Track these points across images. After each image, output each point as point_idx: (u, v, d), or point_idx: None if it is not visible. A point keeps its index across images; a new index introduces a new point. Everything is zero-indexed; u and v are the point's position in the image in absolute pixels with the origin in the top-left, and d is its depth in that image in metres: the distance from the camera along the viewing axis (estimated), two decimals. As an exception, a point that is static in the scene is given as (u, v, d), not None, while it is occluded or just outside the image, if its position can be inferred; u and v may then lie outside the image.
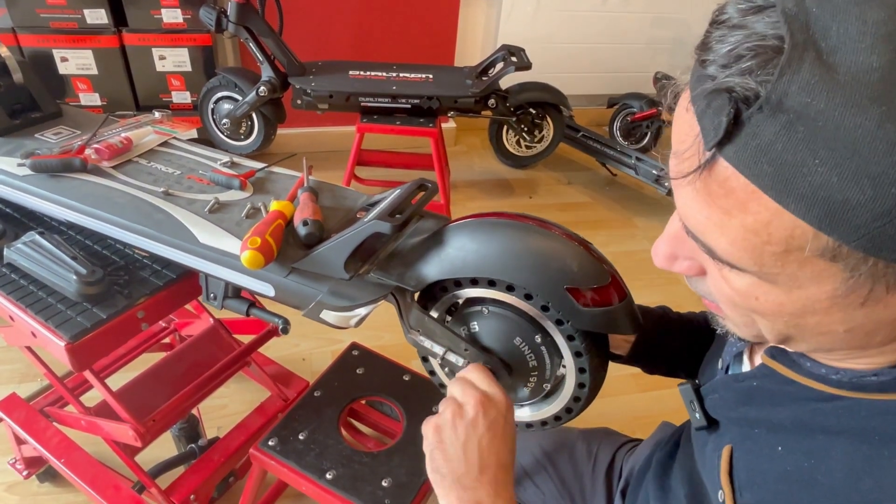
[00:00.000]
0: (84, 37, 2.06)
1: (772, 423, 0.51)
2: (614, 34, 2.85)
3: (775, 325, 0.44)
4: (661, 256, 0.48)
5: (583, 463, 1.03)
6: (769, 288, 0.40)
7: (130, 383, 1.11)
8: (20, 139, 0.95)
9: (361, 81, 2.04)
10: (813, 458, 0.46)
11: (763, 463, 0.50)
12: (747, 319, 0.46)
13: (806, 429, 0.47)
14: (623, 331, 0.64)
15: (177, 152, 0.95)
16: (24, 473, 1.25)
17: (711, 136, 0.35)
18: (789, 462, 0.47)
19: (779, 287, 0.40)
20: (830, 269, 0.36)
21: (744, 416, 0.54)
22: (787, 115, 0.33)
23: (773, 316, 0.42)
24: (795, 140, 0.33)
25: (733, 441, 0.54)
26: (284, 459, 0.91)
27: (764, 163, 0.34)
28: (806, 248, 0.35)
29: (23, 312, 0.80)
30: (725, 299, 0.45)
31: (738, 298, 0.43)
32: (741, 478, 0.52)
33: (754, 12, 0.36)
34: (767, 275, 0.39)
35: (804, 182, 0.33)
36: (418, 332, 0.71)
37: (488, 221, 0.65)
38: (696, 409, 0.59)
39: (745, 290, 0.42)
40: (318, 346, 1.67)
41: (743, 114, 0.34)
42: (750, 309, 0.43)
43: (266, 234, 0.67)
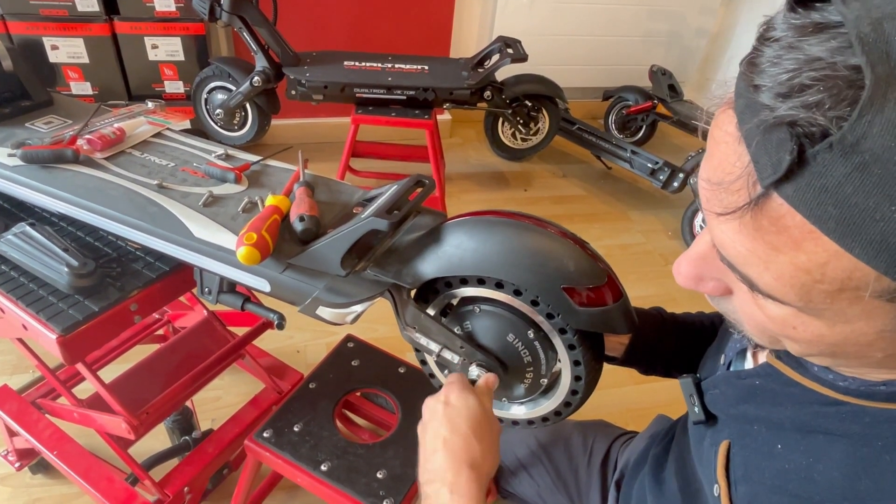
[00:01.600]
0: (75, 24, 2.03)
1: (772, 421, 0.50)
2: (610, 27, 2.84)
3: (808, 350, 0.43)
4: (684, 276, 0.46)
5: (578, 455, 1.04)
6: (810, 320, 0.39)
7: (123, 375, 1.11)
8: (10, 128, 0.93)
9: (356, 72, 2.02)
10: (811, 456, 0.45)
11: (761, 460, 0.50)
12: (774, 340, 0.44)
13: (806, 429, 0.47)
14: (619, 330, 0.65)
15: (170, 144, 0.93)
16: (17, 465, 1.25)
17: (769, 173, 0.33)
18: (788, 460, 0.47)
19: (822, 321, 0.38)
20: (885, 308, 0.35)
21: (744, 413, 0.54)
22: (862, 157, 0.30)
23: (809, 344, 0.41)
24: (869, 184, 0.30)
25: (731, 437, 0.54)
26: (279, 451, 0.91)
27: (829, 205, 0.32)
28: (865, 289, 0.34)
29: (14, 305, 0.79)
30: (755, 325, 0.43)
31: (773, 326, 0.41)
32: (737, 473, 0.52)
33: (813, 32, 0.32)
34: (812, 310, 0.37)
35: (874, 227, 0.31)
36: (414, 328, 0.71)
37: (486, 219, 0.65)
38: (695, 403, 0.60)
39: (781, 319, 0.40)
40: (313, 339, 1.67)
41: (807, 151, 0.31)
42: (784, 336, 0.42)
43: (262, 230, 0.67)
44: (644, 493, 0.78)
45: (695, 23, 2.95)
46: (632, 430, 1.12)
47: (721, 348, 0.67)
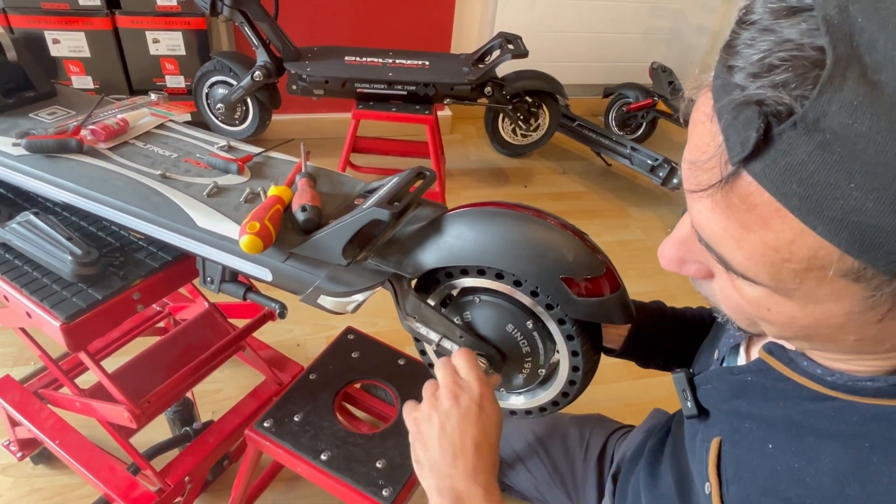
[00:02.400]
0: (76, 18, 2.03)
1: (763, 418, 0.51)
2: (611, 24, 2.85)
3: (783, 333, 0.43)
4: (667, 259, 0.47)
5: (575, 448, 1.05)
6: (783, 301, 0.39)
7: (125, 366, 1.11)
8: (14, 118, 0.94)
9: (357, 67, 2.03)
10: (803, 459, 0.45)
11: (752, 459, 0.50)
12: (752, 323, 0.45)
13: (797, 429, 0.47)
14: (616, 320, 0.65)
15: (173, 135, 0.94)
16: (19, 455, 1.26)
17: (738, 151, 0.34)
18: (779, 461, 0.47)
19: (793, 301, 0.39)
20: (851, 289, 0.35)
21: (736, 409, 0.54)
22: (823, 135, 0.31)
23: (783, 326, 0.42)
24: (831, 161, 0.31)
25: (723, 433, 0.55)
26: (279, 440, 0.91)
27: (793, 182, 0.32)
28: (829, 268, 0.34)
29: (17, 293, 0.80)
30: (733, 306, 0.44)
31: (749, 308, 0.42)
32: (728, 472, 0.52)
33: (787, 15, 0.33)
34: (783, 289, 0.38)
35: (836, 205, 0.32)
36: (414, 318, 0.72)
37: (486, 210, 0.66)
38: (688, 398, 0.60)
39: (756, 300, 0.41)
40: (313, 332, 1.68)
41: (774, 129, 0.32)
42: (760, 318, 0.43)
43: (265, 219, 0.67)
44: (639, 488, 0.78)
45: (696, 20, 2.96)
46: (628, 424, 1.13)
47: (715, 343, 0.67)
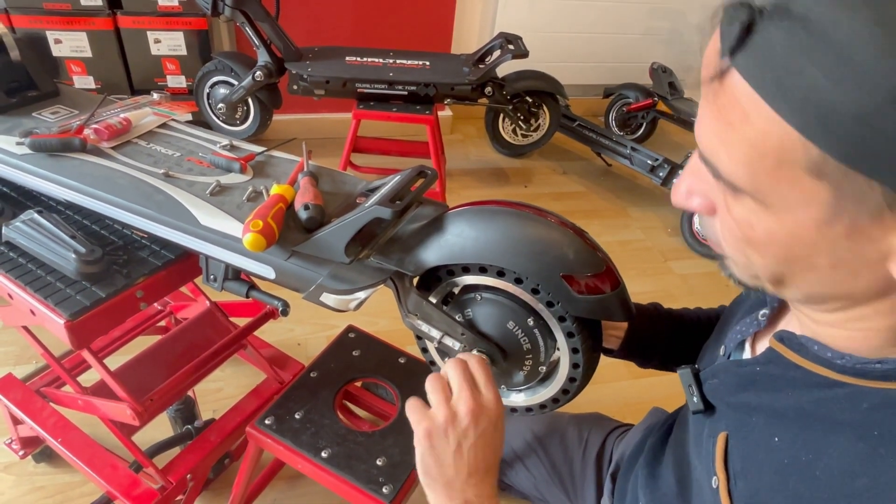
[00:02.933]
0: (78, 18, 2.03)
1: (772, 409, 0.51)
2: (611, 24, 2.85)
3: (768, 262, 0.45)
4: (679, 192, 0.49)
5: (573, 447, 1.05)
6: (763, 214, 0.41)
7: (127, 364, 1.12)
8: (17, 118, 0.95)
9: (358, 67, 2.03)
10: (811, 452, 0.46)
11: (759, 453, 0.50)
12: (745, 259, 0.47)
13: (806, 419, 0.47)
14: (616, 317, 0.66)
15: (176, 134, 0.95)
16: (21, 454, 1.26)
17: (726, 46, 0.37)
18: (786, 454, 0.48)
19: (771, 212, 0.40)
20: (817, 189, 0.37)
21: (743, 401, 0.54)
22: (791, 22, 0.34)
23: (765, 247, 0.43)
24: (795, 44, 0.34)
25: (729, 428, 0.55)
26: (280, 438, 0.92)
27: (767, 69, 0.35)
28: (795, 161, 0.36)
29: (22, 290, 0.80)
30: (727, 233, 0.46)
31: (738, 230, 0.44)
32: (736, 466, 0.52)
33: None
34: (761, 194, 0.40)
35: (798, 86, 0.34)
36: (416, 316, 0.72)
37: (487, 209, 0.66)
38: (694, 393, 0.60)
39: (742, 217, 0.43)
40: (314, 332, 1.68)
41: (756, 22, 0.35)
42: (746, 241, 0.44)
43: (268, 217, 0.68)
44: (637, 487, 0.79)
45: (696, 20, 2.96)
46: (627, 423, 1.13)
47: (720, 340, 0.67)
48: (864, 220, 0.37)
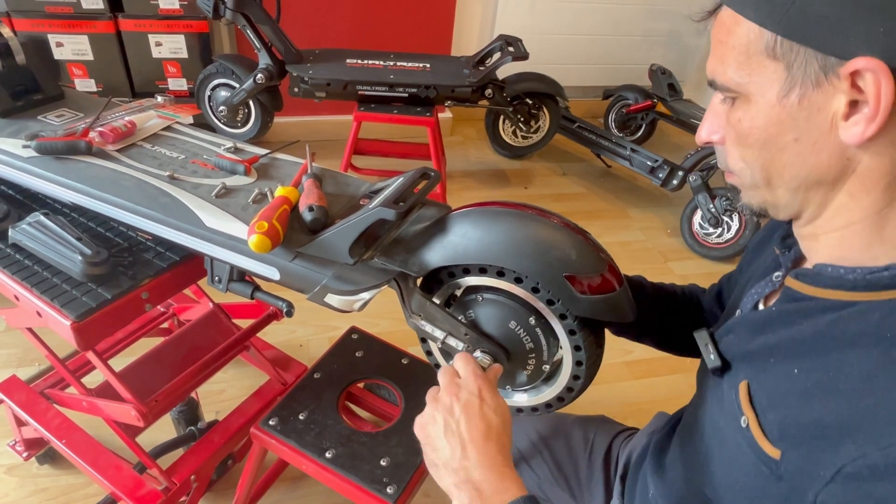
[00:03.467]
0: (80, 22, 2.04)
1: (790, 343, 0.55)
2: (611, 26, 2.86)
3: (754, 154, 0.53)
4: (700, 133, 0.59)
5: (578, 449, 1.06)
6: (747, 107, 0.51)
7: (131, 366, 1.12)
8: (23, 121, 0.95)
9: (359, 70, 2.04)
10: (831, 370, 0.50)
11: (781, 386, 0.54)
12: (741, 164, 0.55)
13: (823, 342, 0.52)
14: (619, 317, 0.67)
15: (180, 137, 0.95)
16: (24, 455, 1.26)
17: None
18: (808, 380, 0.52)
19: (751, 102, 0.51)
20: (774, 68, 0.48)
21: (760, 346, 0.58)
22: None
23: (750, 137, 0.53)
24: None
25: (748, 376, 0.58)
26: (285, 438, 0.92)
27: None
28: (758, 49, 0.48)
29: (28, 292, 0.81)
30: (732, 145, 0.56)
31: (734, 132, 0.54)
32: (762, 403, 0.55)
33: None
34: (744, 87, 0.51)
35: None
36: (420, 316, 0.73)
37: (490, 210, 0.67)
38: (710, 352, 0.63)
39: (736, 119, 0.53)
40: (316, 333, 1.69)
41: None
42: (738, 136, 0.54)
43: (273, 219, 0.68)
44: (646, 483, 0.80)
45: (694, 23, 2.97)
46: (631, 426, 1.14)
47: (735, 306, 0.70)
48: (809, 89, 0.47)
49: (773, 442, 0.53)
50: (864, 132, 0.46)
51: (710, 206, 2.12)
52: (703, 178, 2.13)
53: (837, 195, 0.52)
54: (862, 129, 0.46)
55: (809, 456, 0.49)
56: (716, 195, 2.12)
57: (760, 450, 0.54)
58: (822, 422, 0.48)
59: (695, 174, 2.15)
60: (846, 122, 0.46)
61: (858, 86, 0.45)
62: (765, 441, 0.53)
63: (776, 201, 0.56)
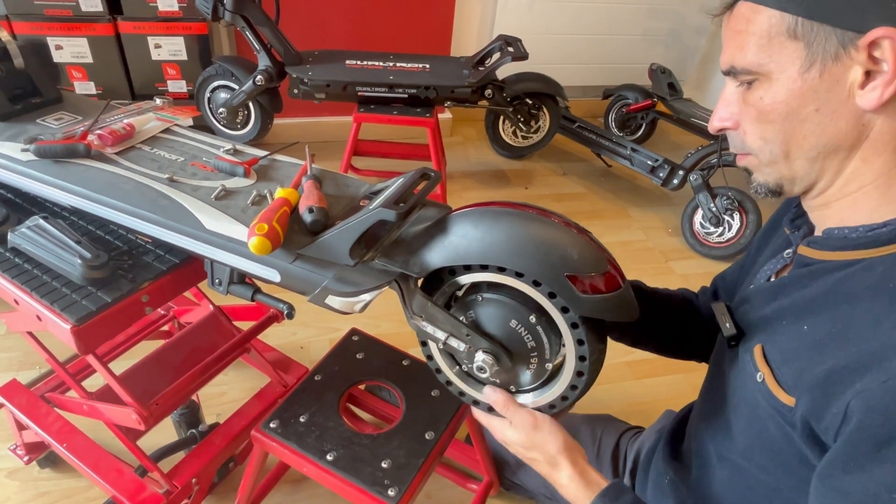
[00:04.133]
0: (79, 24, 2.04)
1: (801, 303, 0.60)
2: (610, 25, 2.86)
3: (776, 128, 0.57)
4: (713, 121, 0.63)
5: (586, 446, 1.06)
6: (767, 85, 0.56)
7: (131, 369, 1.12)
8: (22, 124, 0.95)
9: (358, 71, 2.04)
10: (840, 323, 0.55)
11: (793, 343, 0.59)
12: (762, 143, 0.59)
13: (831, 299, 0.57)
14: (620, 317, 0.66)
15: (179, 139, 0.95)
16: (25, 459, 1.26)
17: None
18: (817, 333, 0.57)
19: (772, 80, 0.55)
20: (796, 48, 0.53)
21: (774, 309, 0.63)
22: None
23: (773, 112, 0.57)
24: None
25: (761, 340, 0.63)
26: (285, 441, 0.92)
27: None
28: (779, 32, 0.53)
29: (28, 296, 0.81)
30: (749, 125, 0.60)
31: (754, 111, 0.58)
32: (776, 360, 0.61)
33: None
34: (765, 67, 0.55)
35: None
36: (421, 317, 0.72)
37: (491, 210, 0.67)
38: (727, 322, 0.68)
39: (755, 98, 0.57)
40: (317, 335, 1.69)
41: None
42: (760, 114, 0.58)
43: (273, 221, 0.68)
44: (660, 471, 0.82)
45: (694, 21, 2.97)
46: (636, 425, 1.14)
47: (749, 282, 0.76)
48: (829, 63, 0.52)
49: (788, 391, 0.57)
50: (882, 95, 0.51)
51: (710, 205, 2.12)
52: (703, 178, 2.13)
53: (851, 161, 0.56)
54: (879, 94, 0.51)
55: (822, 399, 0.53)
56: (717, 194, 2.12)
57: (776, 399, 0.58)
58: (834, 368, 0.53)
59: (695, 173, 2.14)
60: (862, 91, 0.52)
61: (874, 56, 0.50)
62: (780, 391, 0.58)
63: (793, 174, 0.60)
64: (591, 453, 1.03)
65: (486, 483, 1.22)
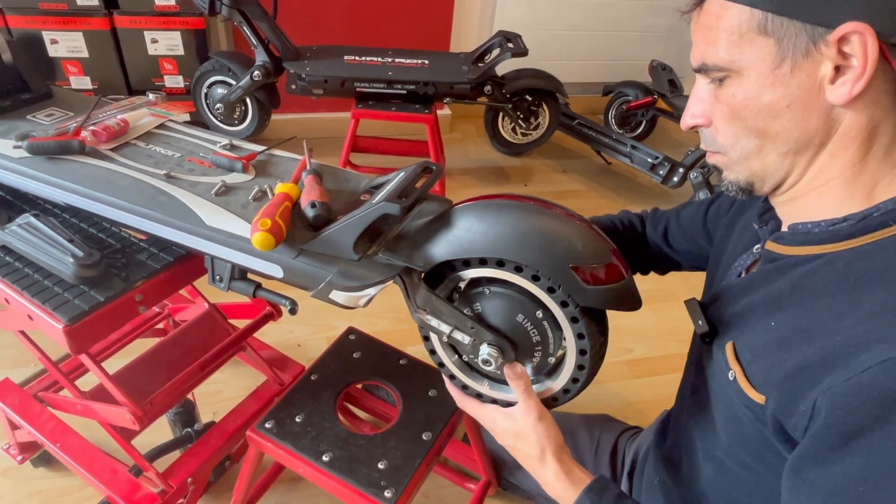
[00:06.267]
0: (74, 19, 2.02)
1: (769, 298, 0.61)
2: (610, 22, 2.85)
3: (749, 124, 0.57)
4: (685, 118, 0.63)
5: (584, 447, 1.05)
6: (740, 81, 0.56)
7: (126, 368, 1.11)
8: (11, 121, 0.93)
9: (357, 66, 2.02)
10: (804, 318, 0.56)
11: (761, 339, 0.60)
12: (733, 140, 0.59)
13: (796, 294, 0.58)
14: (624, 307, 0.66)
15: (175, 135, 0.94)
16: (19, 458, 1.25)
17: None
18: (784, 330, 0.57)
19: (744, 76, 0.55)
20: (767, 44, 0.53)
21: (745, 305, 0.64)
22: None
23: (744, 108, 0.56)
24: None
25: (733, 337, 0.64)
26: (281, 441, 0.91)
27: None
28: (750, 28, 0.53)
29: (19, 295, 0.79)
30: (721, 122, 0.59)
31: (725, 108, 0.58)
32: (746, 357, 0.61)
33: None
34: (737, 64, 0.55)
35: None
36: (425, 311, 0.72)
37: (494, 203, 0.67)
38: (700, 318, 0.69)
39: (727, 95, 0.57)
40: (314, 333, 1.68)
41: None
42: (732, 111, 0.58)
43: (276, 216, 0.67)
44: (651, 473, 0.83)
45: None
46: (633, 425, 1.13)
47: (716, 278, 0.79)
48: (799, 58, 0.52)
49: (758, 388, 0.58)
50: (851, 91, 0.51)
51: (710, 203, 2.11)
52: (703, 175, 2.12)
53: (820, 156, 0.57)
54: (849, 89, 0.51)
55: (790, 396, 0.54)
56: (717, 192, 2.11)
57: (747, 397, 0.59)
58: (800, 364, 0.53)
59: (696, 171, 2.13)
60: (832, 86, 0.52)
61: (843, 52, 0.50)
62: (751, 389, 0.59)
63: (764, 170, 0.60)
64: (589, 454, 1.02)
65: (484, 483, 1.21)
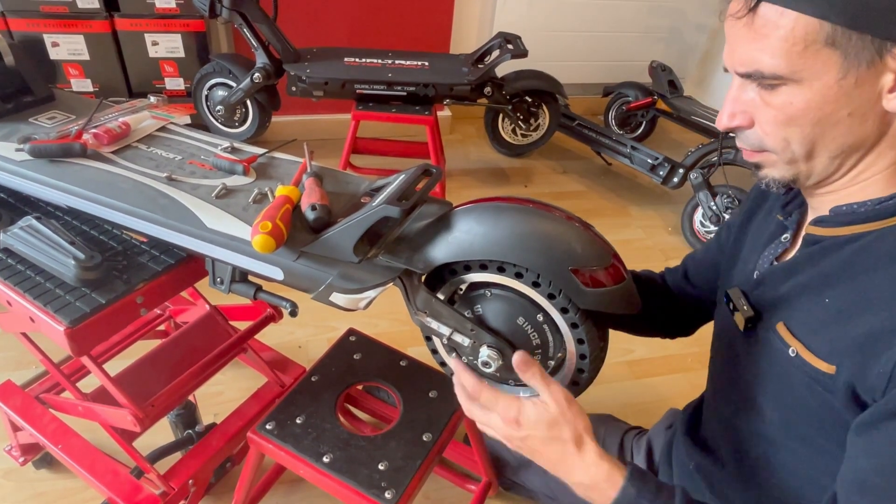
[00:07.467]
0: (75, 21, 2.02)
1: (818, 278, 0.63)
2: (610, 23, 2.85)
3: (805, 131, 0.58)
4: (722, 118, 0.63)
5: None
6: (799, 90, 0.56)
7: (127, 370, 1.11)
8: (13, 124, 0.94)
9: (357, 68, 2.03)
10: (860, 291, 0.58)
11: (816, 315, 0.62)
12: (783, 143, 0.60)
13: (848, 271, 0.60)
14: (623, 310, 0.67)
15: (176, 137, 0.94)
16: (21, 460, 1.25)
17: None
18: (840, 303, 0.60)
19: (805, 85, 0.56)
20: (833, 56, 0.53)
21: (790, 288, 0.66)
22: None
23: (804, 115, 0.57)
24: None
25: (781, 317, 0.66)
26: (282, 443, 0.91)
27: None
28: (816, 40, 0.53)
29: (20, 298, 0.80)
30: (769, 126, 0.60)
31: (779, 114, 0.58)
32: (802, 333, 0.63)
33: None
34: (797, 73, 0.55)
35: None
36: (425, 313, 0.72)
37: (494, 205, 0.67)
38: (744, 304, 0.70)
39: (782, 102, 0.57)
40: (315, 334, 1.68)
41: None
42: (787, 118, 0.58)
43: (276, 219, 0.67)
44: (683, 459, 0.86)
45: (695, 18, 2.96)
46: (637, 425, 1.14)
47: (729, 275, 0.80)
48: (863, 70, 0.53)
49: (825, 359, 0.60)
50: None
51: (711, 203, 2.11)
52: (704, 176, 2.12)
53: (868, 156, 0.59)
54: None
55: (864, 361, 0.56)
56: (717, 193, 2.11)
57: (815, 369, 0.61)
58: (870, 332, 0.56)
59: (696, 172, 2.13)
60: (891, 94, 0.54)
61: None
62: (818, 361, 0.60)
63: (811, 171, 0.62)
64: None
65: (485, 483, 1.21)
